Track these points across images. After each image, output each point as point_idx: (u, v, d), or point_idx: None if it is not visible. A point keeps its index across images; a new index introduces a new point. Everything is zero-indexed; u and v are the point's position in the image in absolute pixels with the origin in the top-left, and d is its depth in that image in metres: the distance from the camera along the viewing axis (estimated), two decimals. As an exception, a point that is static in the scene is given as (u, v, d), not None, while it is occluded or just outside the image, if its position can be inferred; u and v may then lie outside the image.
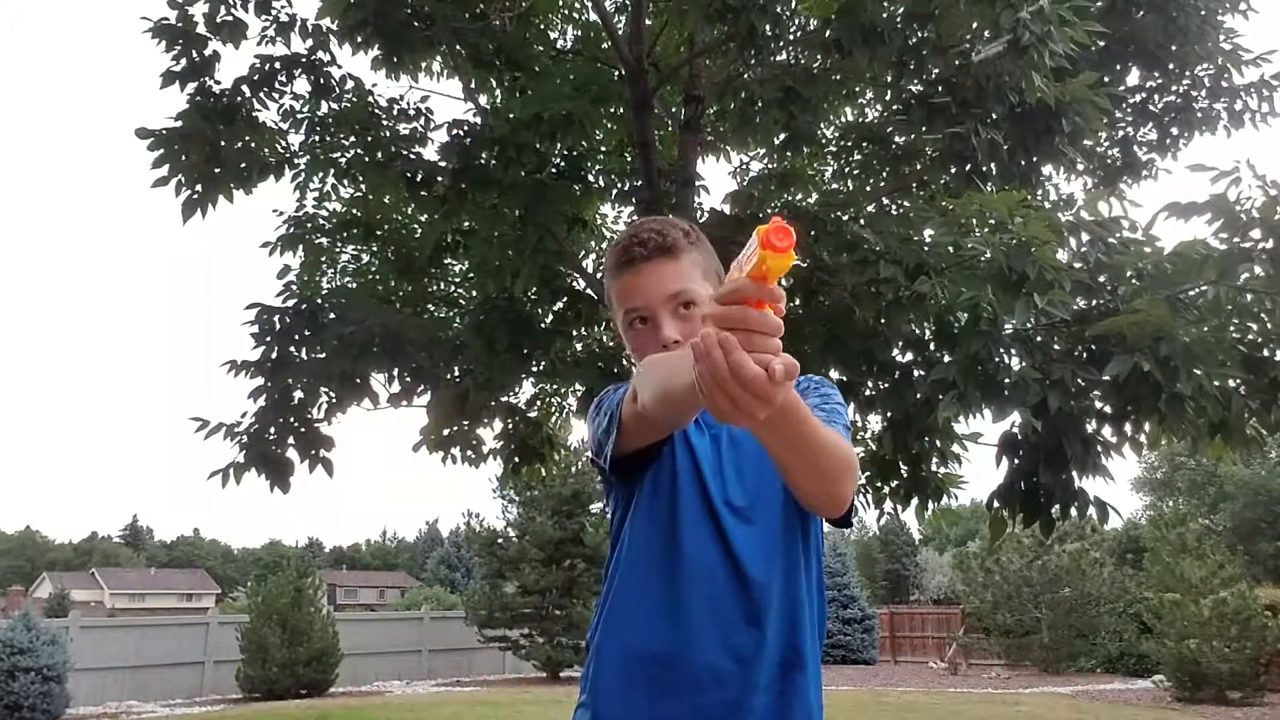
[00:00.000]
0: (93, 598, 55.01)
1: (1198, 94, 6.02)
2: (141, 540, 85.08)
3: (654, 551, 1.38)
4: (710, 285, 1.45)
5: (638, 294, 1.42)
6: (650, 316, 1.41)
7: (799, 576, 1.39)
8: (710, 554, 1.36)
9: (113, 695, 14.09)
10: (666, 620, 1.34)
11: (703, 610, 1.33)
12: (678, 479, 1.40)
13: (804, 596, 1.39)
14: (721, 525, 1.37)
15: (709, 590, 1.34)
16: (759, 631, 1.33)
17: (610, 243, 1.55)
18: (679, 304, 1.41)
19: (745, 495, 1.39)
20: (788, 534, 1.39)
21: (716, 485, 1.39)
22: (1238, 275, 3.70)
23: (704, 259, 1.47)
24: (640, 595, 1.37)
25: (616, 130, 6.56)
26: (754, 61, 5.49)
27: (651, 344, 1.41)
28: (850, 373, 5.01)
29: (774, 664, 1.34)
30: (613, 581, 1.42)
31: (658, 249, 1.43)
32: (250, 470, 5.46)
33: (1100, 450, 4.14)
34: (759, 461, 1.40)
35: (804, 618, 1.38)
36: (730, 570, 1.35)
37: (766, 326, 0.86)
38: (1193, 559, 15.04)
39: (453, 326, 6.21)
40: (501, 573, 17.89)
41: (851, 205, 5.40)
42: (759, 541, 1.37)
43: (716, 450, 1.43)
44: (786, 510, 1.39)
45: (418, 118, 6.08)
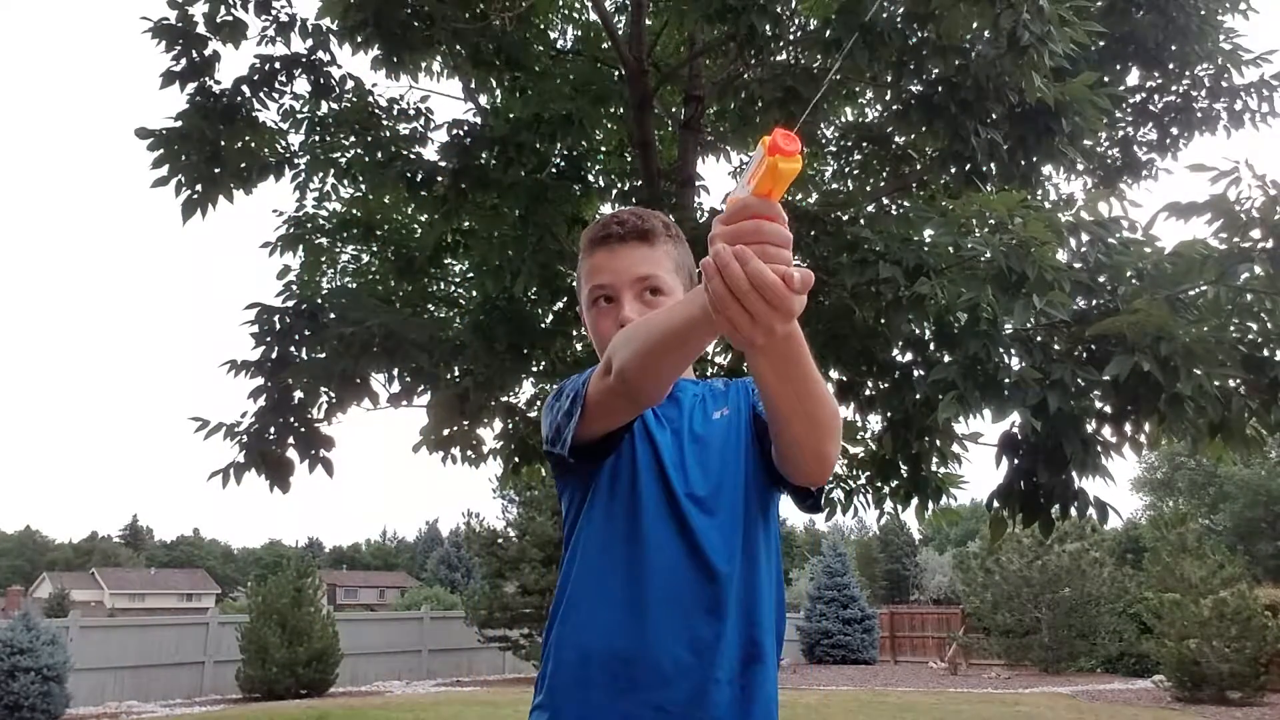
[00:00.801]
0: (93, 598, 54.99)
1: (1198, 94, 6.02)
2: (141, 540, 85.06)
3: (613, 545, 1.35)
4: (681, 281, 1.46)
5: (607, 272, 1.43)
6: (615, 296, 1.41)
7: (759, 569, 1.38)
8: (672, 546, 1.33)
9: (113, 695, 14.09)
10: (627, 614, 1.31)
11: (664, 603, 1.31)
12: (638, 471, 1.38)
13: (764, 589, 1.38)
14: (684, 516, 1.35)
15: (671, 582, 1.32)
16: (720, 623, 1.31)
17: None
18: (646, 288, 1.41)
19: (707, 486, 1.38)
20: (749, 526, 1.38)
21: (678, 477, 1.38)
22: (1238, 275, 3.70)
23: (679, 254, 1.48)
24: (599, 590, 1.34)
25: (616, 130, 6.57)
26: (754, 61, 5.50)
27: (610, 324, 1.41)
28: (850, 373, 5.01)
29: (734, 657, 1.32)
30: (569, 578, 1.39)
31: (635, 232, 1.44)
32: (250, 470, 5.46)
33: (1100, 450, 4.14)
34: (721, 453, 1.41)
35: (764, 610, 1.36)
36: (693, 562, 1.33)
37: (779, 238, 0.86)
38: (1193, 559, 15.04)
39: (453, 326, 6.21)
40: (501, 573, 17.89)
41: (851, 205, 5.41)
42: (721, 533, 1.35)
43: (678, 443, 1.42)
44: (749, 502, 1.39)
45: (418, 118, 6.09)
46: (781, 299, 0.85)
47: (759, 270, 0.84)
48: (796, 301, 0.86)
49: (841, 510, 6.04)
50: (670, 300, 1.41)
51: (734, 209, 0.88)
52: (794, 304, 0.86)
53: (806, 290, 0.87)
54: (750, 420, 1.43)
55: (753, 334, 0.88)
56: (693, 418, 1.44)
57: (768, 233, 0.86)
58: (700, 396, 1.48)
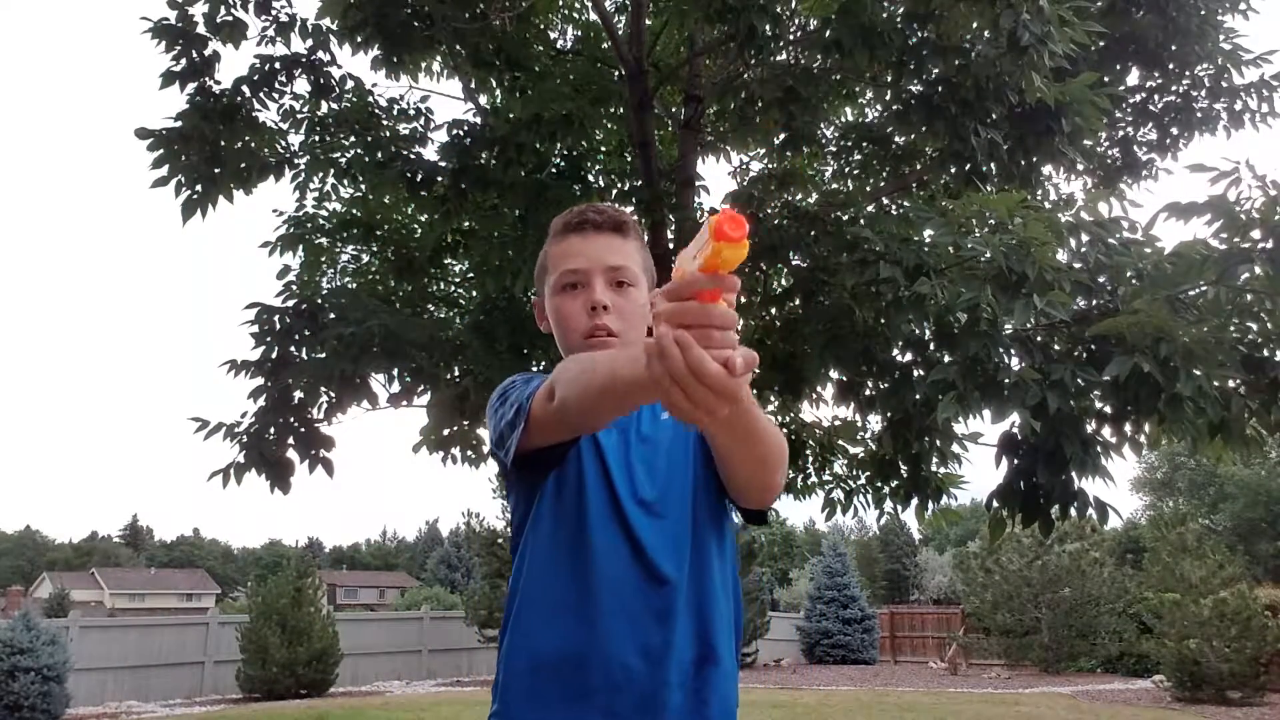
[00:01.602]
0: (93, 598, 54.97)
1: (1198, 94, 6.02)
2: (141, 540, 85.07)
3: (561, 551, 1.35)
4: (644, 283, 1.46)
5: (580, 257, 1.42)
6: (586, 281, 1.41)
7: (711, 571, 1.37)
8: (619, 552, 1.33)
9: (113, 695, 14.09)
10: (577, 620, 1.31)
11: (613, 608, 1.30)
12: (584, 475, 1.37)
13: (717, 592, 1.37)
14: (629, 522, 1.34)
15: (618, 589, 1.31)
16: (668, 628, 1.31)
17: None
18: (616, 278, 1.41)
19: (654, 490, 1.37)
20: (699, 529, 1.37)
21: (624, 481, 1.37)
22: (1238, 275, 3.70)
23: (643, 256, 1.49)
24: (548, 596, 1.34)
25: (616, 130, 6.56)
26: (754, 61, 5.50)
27: (577, 308, 1.40)
28: (850, 373, 5.01)
29: (686, 660, 1.31)
30: (518, 585, 1.38)
31: (611, 222, 1.44)
32: (250, 470, 5.46)
33: (1100, 450, 4.14)
34: (669, 456, 1.40)
35: (716, 613, 1.36)
36: (640, 566, 1.32)
37: (724, 321, 0.84)
38: (1193, 559, 15.04)
39: (453, 326, 6.21)
40: (501, 573, 17.88)
41: (851, 205, 5.40)
42: (669, 537, 1.35)
43: (624, 445, 1.41)
44: (697, 505, 1.38)
45: (418, 118, 6.09)
46: (724, 387, 0.84)
47: (699, 359, 0.82)
48: (739, 386, 0.85)
49: (841, 510, 6.05)
50: (636, 295, 1.42)
51: (679, 284, 0.85)
52: (736, 389, 0.85)
53: (749, 370, 0.85)
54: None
55: (694, 417, 0.87)
56: (640, 417, 1.43)
57: (713, 316, 0.84)
58: None
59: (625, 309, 1.41)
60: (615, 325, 1.40)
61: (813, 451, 6.20)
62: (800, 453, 6.15)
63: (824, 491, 6.12)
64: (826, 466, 6.16)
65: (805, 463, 6.17)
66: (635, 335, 1.42)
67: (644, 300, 1.44)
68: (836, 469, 6.16)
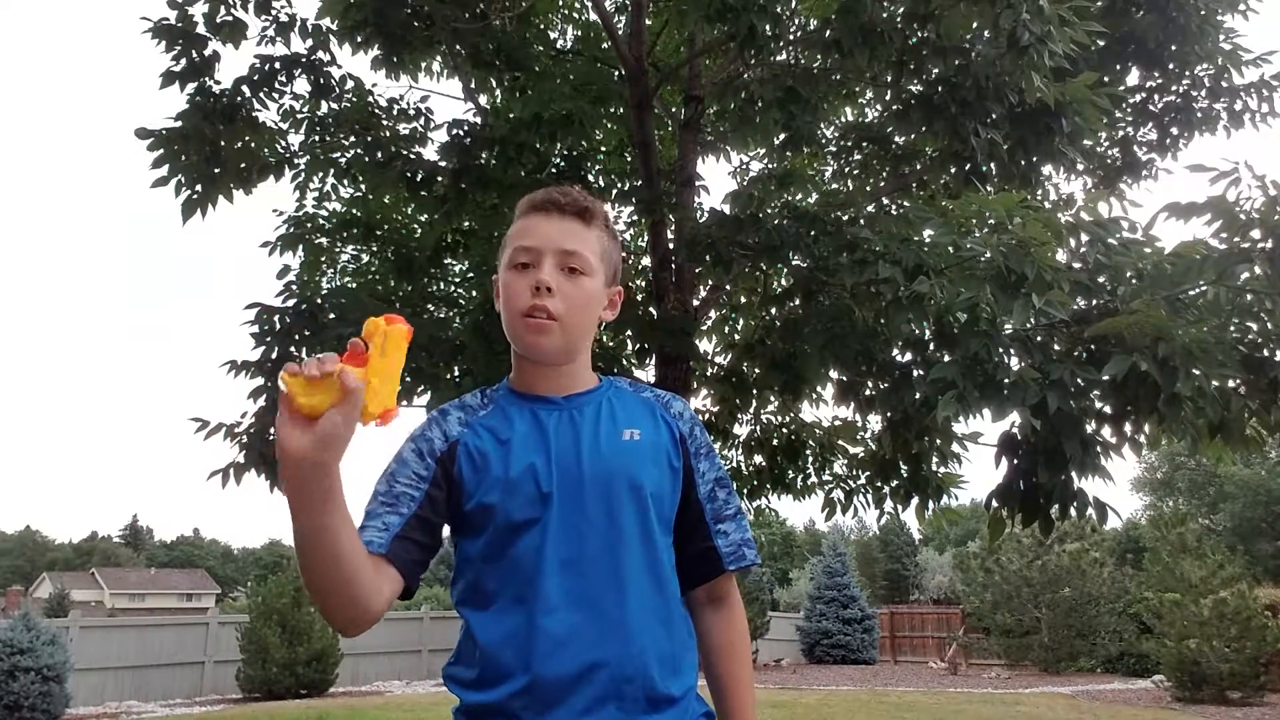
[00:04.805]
0: (93, 598, 54.98)
1: (1198, 94, 6.02)
2: (141, 540, 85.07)
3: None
4: (604, 271, 1.45)
5: (536, 235, 1.41)
6: (536, 261, 1.39)
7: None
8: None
9: (113, 695, 14.09)
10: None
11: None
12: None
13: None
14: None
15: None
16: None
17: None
18: (569, 264, 1.40)
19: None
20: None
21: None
22: (1237, 275, 3.70)
23: (610, 249, 1.48)
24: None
25: (616, 130, 6.56)
26: (754, 61, 5.49)
27: (523, 286, 1.39)
28: (850, 373, 5.01)
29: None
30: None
31: (576, 207, 1.43)
32: (250, 470, 5.46)
33: (1099, 450, 4.14)
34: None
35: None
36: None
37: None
38: (1193, 559, 15.04)
39: (453, 326, 6.21)
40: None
41: (851, 205, 5.41)
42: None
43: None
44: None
45: (418, 118, 6.08)
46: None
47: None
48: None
49: (841, 510, 6.05)
50: (587, 284, 1.41)
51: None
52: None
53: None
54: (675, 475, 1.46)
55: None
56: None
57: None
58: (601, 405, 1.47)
59: (571, 295, 1.39)
60: (557, 308, 1.38)
61: (813, 451, 6.20)
62: (800, 453, 6.15)
63: (824, 491, 6.12)
64: (826, 466, 6.16)
65: (805, 463, 6.17)
66: (577, 324, 1.41)
67: (595, 289, 1.43)
68: (836, 469, 6.16)
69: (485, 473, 1.37)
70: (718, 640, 1.47)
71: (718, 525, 1.46)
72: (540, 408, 1.42)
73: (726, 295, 6.38)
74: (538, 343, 1.39)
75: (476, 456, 1.39)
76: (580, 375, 1.46)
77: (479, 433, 1.41)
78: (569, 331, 1.40)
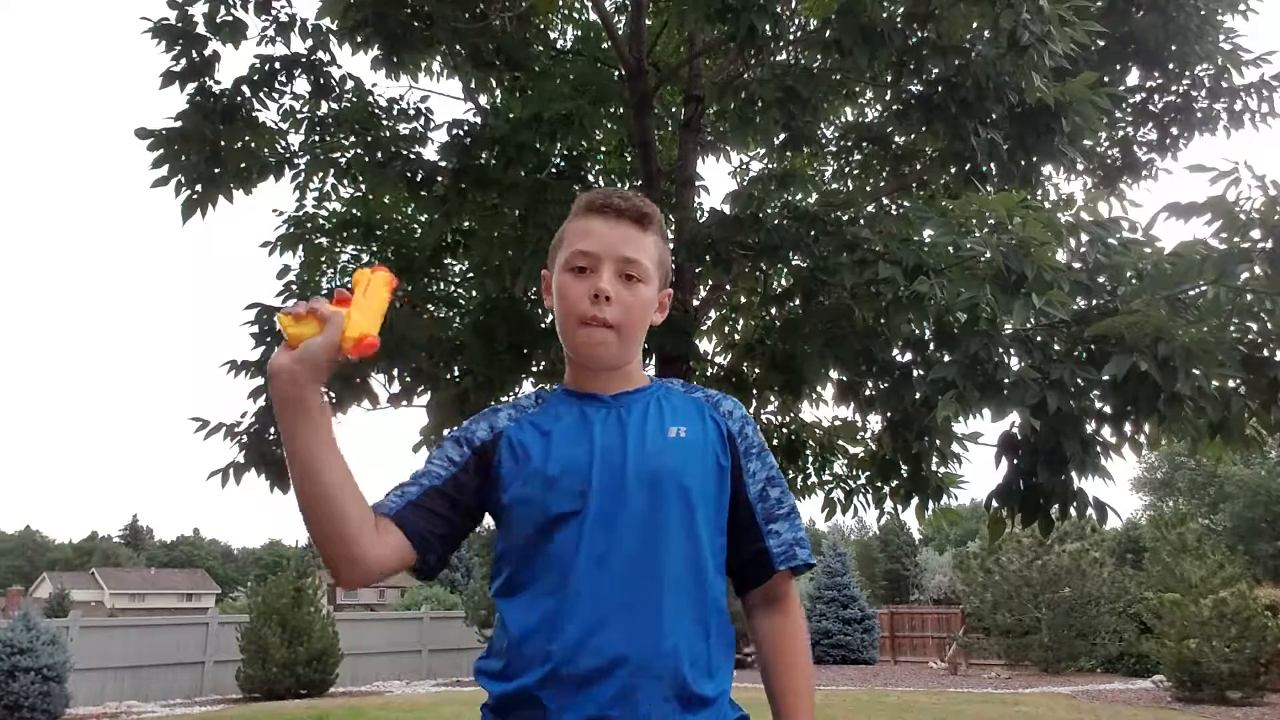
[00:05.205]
0: (93, 598, 54.98)
1: (1198, 94, 6.02)
2: (141, 540, 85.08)
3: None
4: (658, 277, 1.46)
5: (596, 240, 1.41)
6: (595, 266, 1.40)
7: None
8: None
9: (113, 695, 14.09)
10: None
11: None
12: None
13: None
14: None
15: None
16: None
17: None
18: (627, 271, 1.41)
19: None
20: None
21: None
22: (1237, 275, 3.70)
23: (664, 253, 1.49)
24: None
25: (616, 130, 6.56)
26: (754, 61, 5.50)
27: (581, 292, 1.40)
28: (850, 373, 5.01)
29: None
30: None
31: (634, 212, 1.43)
32: (250, 470, 5.46)
33: (1099, 450, 4.14)
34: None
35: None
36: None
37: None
38: (1193, 559, 15.04)
39: (453, 326, 6.21)
40: (501, 573, 17.87)
41: (851, 205, 5.41)
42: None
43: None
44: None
45: (418, 118, 6.08)
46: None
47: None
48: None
49: (841, 510, 6.05)
50: (643, 291, 1.42)
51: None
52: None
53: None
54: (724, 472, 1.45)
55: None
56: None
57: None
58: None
59: (629, 303, 1.41)
60: (614, 317, 1.39)
61: (813, 451, 6.20)
62: (800, 453, 6.15)
63: (824, 491, 6.12)
64: (826, 466, 6.16)
65: (805, 463, 6.16)
66: (632, 330, 1.42)
67: (651, 297, 1.44)
68: (836, 469, 6.16)
69: (525, 464, 1.38)
70: (774, 645, 1.45)
71: (769, 525, 1.44)
72: (588, 404, 1.43)
73: (726, 295, 6.38)
74: (594, 352, 1.41)
75: (518, 448, 1.40)
76: (631, 376, 1.47)
77: (524, 427, 1.43)
78: (625, 339, 1.42)
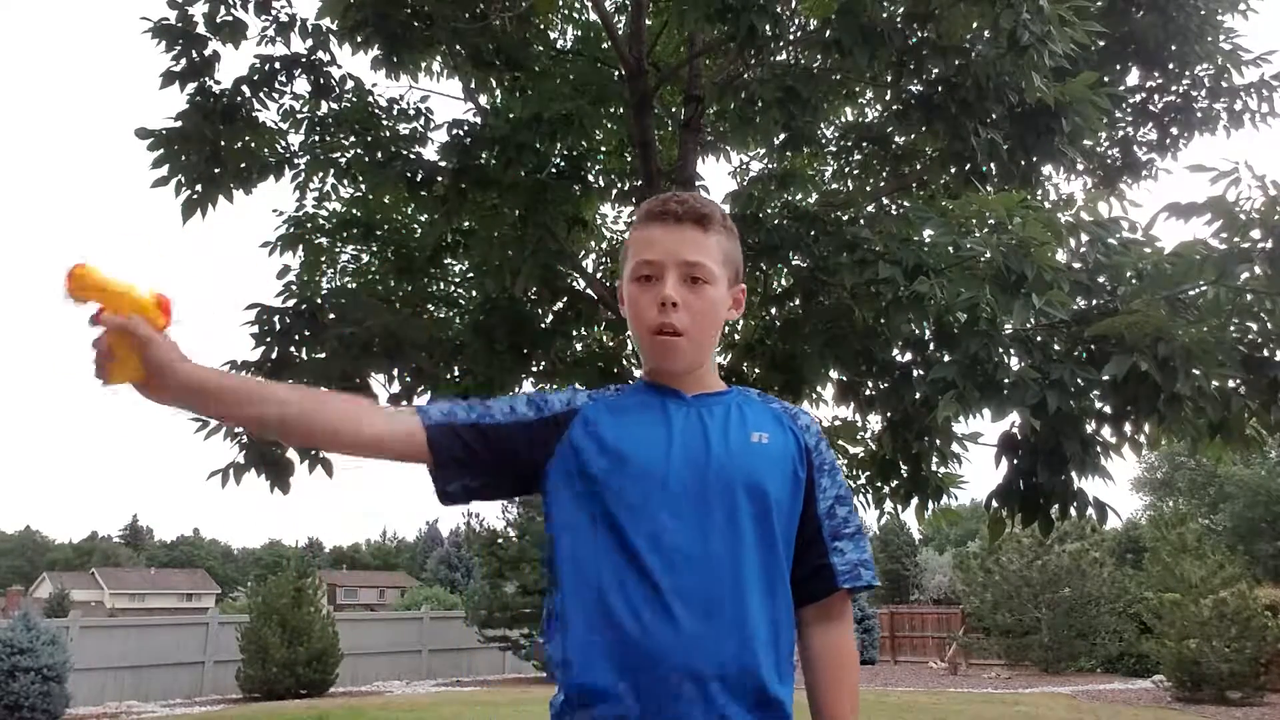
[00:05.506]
0: (93, 598, 54.97)
1: (1198, 94, 6.01)
2: (141, 540, 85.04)
3: None
4: (726, 275, 1.46)
5: (657, 247, 1.42)
6: (659, 274, 1.41)
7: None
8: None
9: (113, 695, 14.09)
10: None
11: None
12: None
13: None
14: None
15: None
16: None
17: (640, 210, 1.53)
18: (691, 274, 1.41)
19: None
20: None
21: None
22: (1237, 275, 3.70)
23: (730, 247, 1.48)
24: None
25: (616, 130, 6.55)
26: (754, 61, 5.49)
27: (648, 301, 1.41)
28: (850, 373, 5.01)
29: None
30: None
31: (692, 214, 1.43)
32: (250, 470, 5.45)
33: (1099, 450, 4.14)
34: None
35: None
36: None
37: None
38: (1193, 559, 15.04)
39: (453, 326, 6.20)
40: (501, 573, 17.89)
41: (851, 205, 5.41)
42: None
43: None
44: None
45: (418, 118, 6.08)
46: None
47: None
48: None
49: (842, 510, 6.03)
50: (710, 292, 1.43)
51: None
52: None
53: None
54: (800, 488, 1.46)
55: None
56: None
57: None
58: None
59: (696, 306, 1.41)
60: (683, 322, 1.40)
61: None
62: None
63: (824, 491, 6.10)
64: (826, 466, 6.14)
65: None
66: (703, 334, 1.43)
67: (719, 297, 1.45)
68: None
69: (598, 442, 1.39)
70: (826, 660, 1.45)
71: (835, 542, 1.45)
72: (669, 400, 1.44)
73: (726, 295, 6.37)
74: (667, 359, 1.43)
75: (591, 424, 1.42)
76: (707, 378, 1.49)
77: (600, 408, 1.44)
78: (696, 342, 1.43)
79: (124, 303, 1.22)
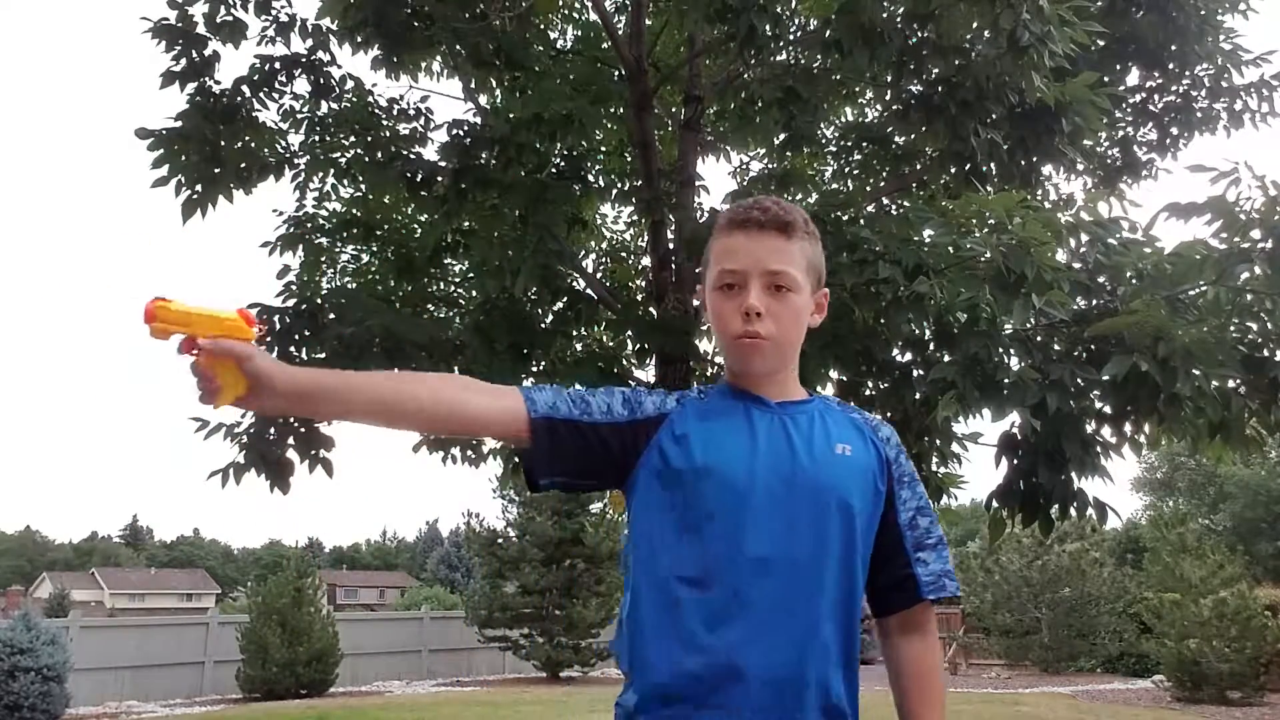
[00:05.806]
0: (93, 598, 54.96)
1: (1198, 94, 6.01)
2: (141, 540, 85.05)
3: None
4: (809, 281, 1.45)
5: (739, 256, 1.42)
6: (743, 283, 1.40)
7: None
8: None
9: (113, 695, 14.09)
10: None
11: None
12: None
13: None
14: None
15: None
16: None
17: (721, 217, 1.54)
18: (775, 282, 1.41)
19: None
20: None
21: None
22: (1237, 275, 3.70)
23: (812, 253, 1.47)
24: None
25: (616, 130, 6.56)
26: (754, 61, 5.49)
27: (731, 310, 1.41)
28: (850, 373, 5.01)
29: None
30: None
31: (775, 222, 1.42)
32: (250, 470, 5.44)
33: (1099, 450, 4.14)
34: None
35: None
36: None
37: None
38: (1193, 559, 15.04)
39: (453, 326, 6.21)
40: (501, 573, 17.88)
41: (851, 205, 5.39)
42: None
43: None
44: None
45: (418, 118, 6.08)
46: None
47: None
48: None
49: (841, 510, 6.03)
50: (794, 300, 1.42)
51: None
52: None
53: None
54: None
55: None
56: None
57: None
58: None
59: (780, 314, 1.41)
60: (767, 330, 1.40)
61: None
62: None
63: (824, 491, 6.10)
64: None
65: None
66: (787, 340, 1.43)
67: (803, 304, 1.44)
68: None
69: (684, 447, 1.39)
70: (911, 670, 1.49)
71: (918, 554, 1.46)
72: (753, 406, 1.44)
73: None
74: (752, 362, 1.43)
75: (679, 429, 1.42)
76: (789, 385, 1.48)
77: (686, 413, 1.44)
78: (781, 348, 1.43)
79: (209, 325, 1.24)
